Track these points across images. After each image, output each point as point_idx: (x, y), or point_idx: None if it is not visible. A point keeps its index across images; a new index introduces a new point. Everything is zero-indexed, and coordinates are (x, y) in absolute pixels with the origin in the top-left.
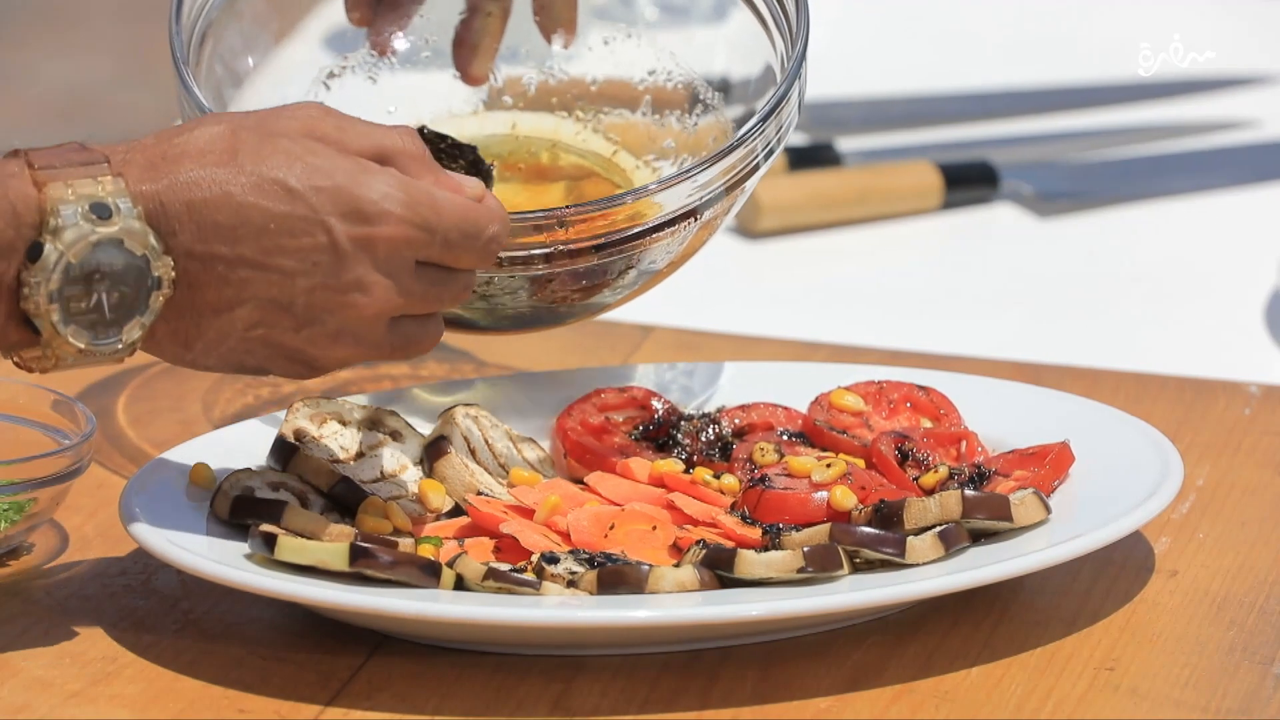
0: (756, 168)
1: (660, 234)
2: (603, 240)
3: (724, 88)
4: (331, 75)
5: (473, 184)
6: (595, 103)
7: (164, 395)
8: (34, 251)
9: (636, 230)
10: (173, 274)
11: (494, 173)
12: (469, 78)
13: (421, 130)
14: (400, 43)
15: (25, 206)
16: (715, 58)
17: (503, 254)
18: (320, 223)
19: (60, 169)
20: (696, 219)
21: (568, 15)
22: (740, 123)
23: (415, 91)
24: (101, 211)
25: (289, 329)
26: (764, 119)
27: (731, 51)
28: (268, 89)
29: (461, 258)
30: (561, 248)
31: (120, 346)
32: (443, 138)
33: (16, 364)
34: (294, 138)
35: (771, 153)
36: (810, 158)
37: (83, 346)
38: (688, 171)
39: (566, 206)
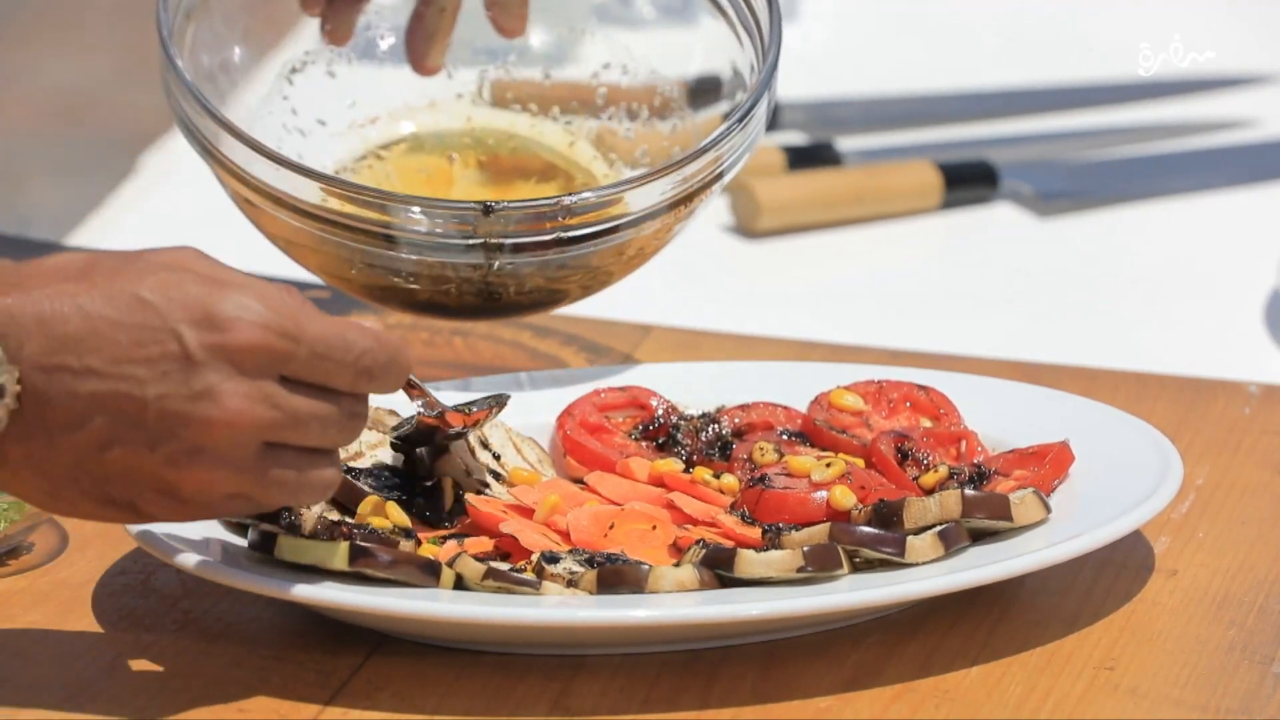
0: (722, 173)
1: (651, 223)
2: (600, 228)
3: (707, 86)
4: (294, 70)
5: (369, 323)
6: (551, 102)
7: None
8: None
9: (629, 219)
10: (17, 387)
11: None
12: (423, 69)
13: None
14: (354, 33)
15: None
16: (693, 58)
17: (505, 240)
18: (170, 330)
19: None
20: (686, 207)
21: (519, 10)
22: (723, 119)
23: (373, 85)
24: None
25: (144, 445)
26: (743, 117)
27: (709, 52)
28: (243, 86)
29: (335, 374)
30: (562, 235)
31: None
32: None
33: None
34: (158, 265)
35: (747, 152)
36: (809, 157)
37: None
38: (678, 162)
39: (569, 195)
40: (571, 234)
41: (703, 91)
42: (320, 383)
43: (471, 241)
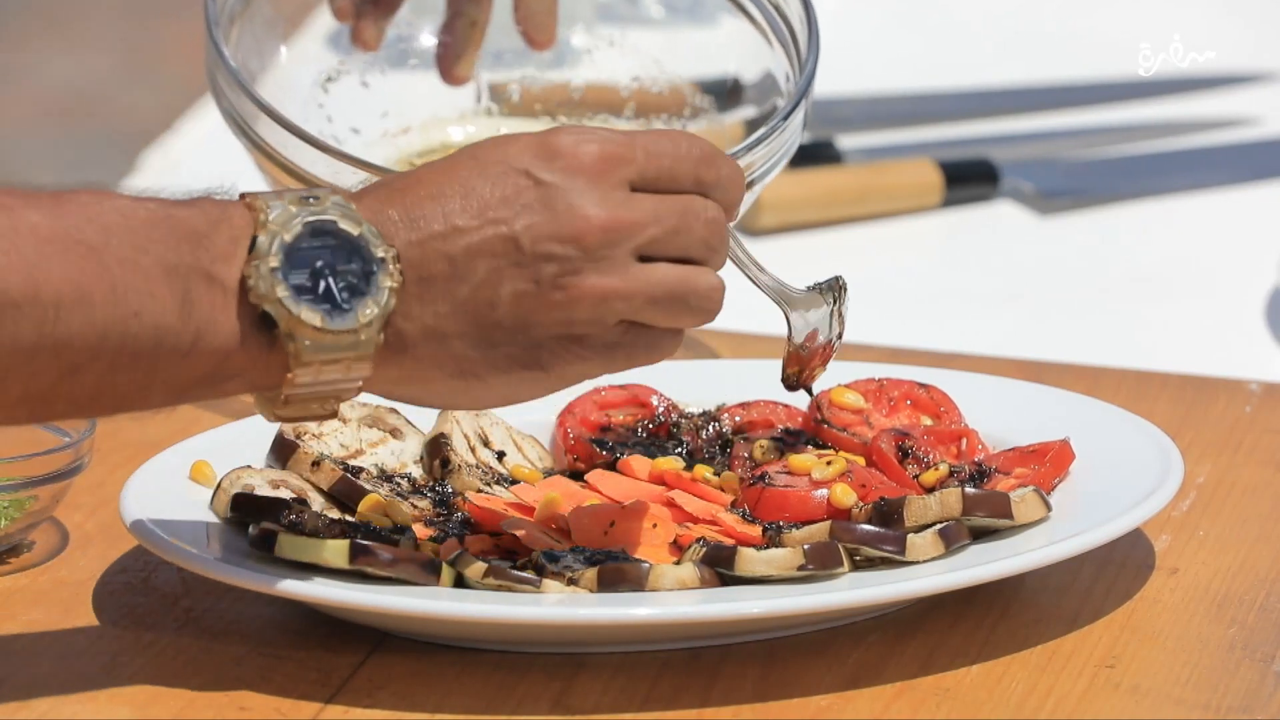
0: (750, 184)
1: None
2: None
3: (734, 89)
4: (329, 80)
5: None
6: (579, 110)
7: None
8: (252, 246)
9: None
10: (398, 262)
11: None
12: (452, 78)
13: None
14: (384, 40)
15: (237, 213)
16: (720, 61)
17: None
18: (518, 170)
19: (272, 191)
20: None
21: (548, 21)
22: (746, 125)
23: (405, 96)
24: (310, 200)
25: (529, 281)
26: (771, 130)
27: (737, 54)
28: (281, 92)
29: (677, 170)
30: None
31: (358, 325)
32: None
33: (272, 414)
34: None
35: (778, 165)
36: (811, 155)
37: (318, 324)
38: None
39: None
40: None
41: (730, 95)
42: (666, 184)
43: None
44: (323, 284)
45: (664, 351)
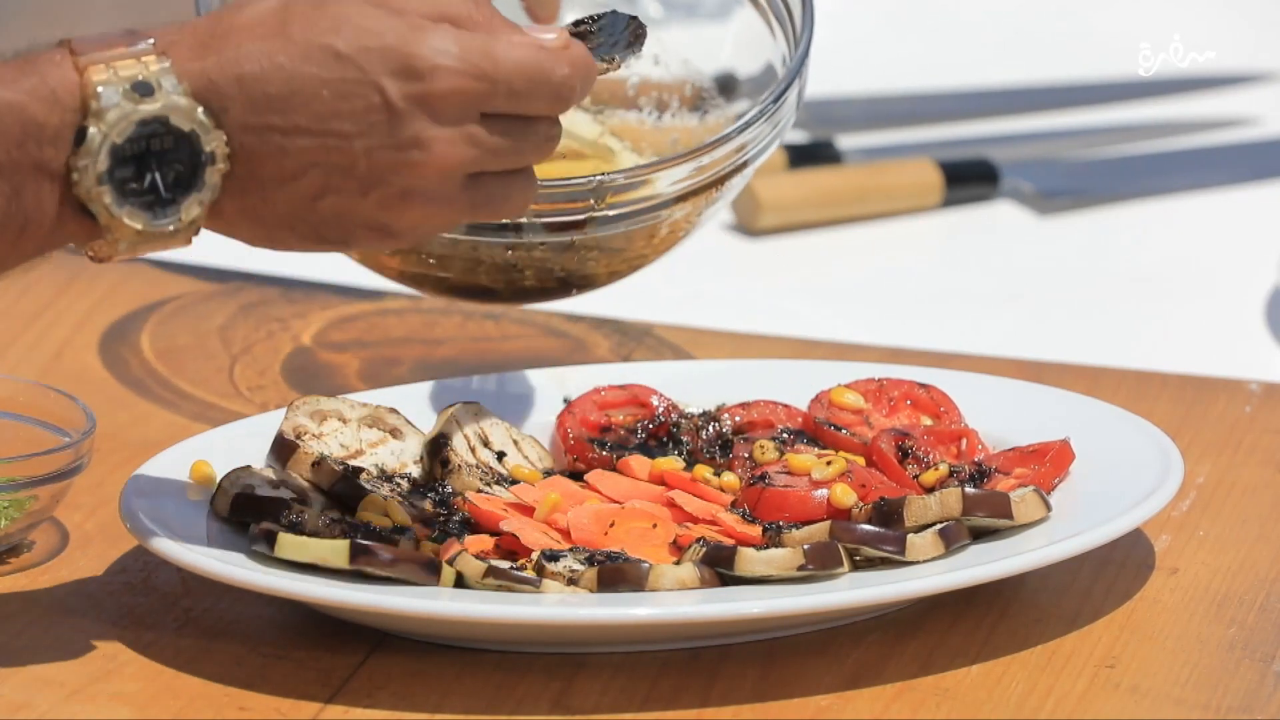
0: (746, 163)
1: (681, 205)
2: (631, 210)
3: (730, 85)
4: None
5: (552, 35)
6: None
7: (164, 392)
8: (79, 137)
9: (660, 202)
10: (227, 149)
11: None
12: None
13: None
14: None
15: (66, 92)
16: (720, 55)
17: (537, 219)
18: (371, 83)
19: (103, 53)
20: (717, 191)
21: (551, 2)
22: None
23: None
24: (143, 90)
25: (356, 194)
26: (765, 109)
27: (736, 49)
28: None
29: (532, 104)
30: (595, 215)
31: (179, 225)
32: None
33: (90, 257)
34: (348, 3)
35: (775, 139)
36: (810, 155)
37: (140, 227)
38: (703, 147)
39: (604, 174)
40: (602, 213)
41: (735, 84)
42: (519, 113)
43: (505, 220)
44: (149, 177)
45: (482, 220)
